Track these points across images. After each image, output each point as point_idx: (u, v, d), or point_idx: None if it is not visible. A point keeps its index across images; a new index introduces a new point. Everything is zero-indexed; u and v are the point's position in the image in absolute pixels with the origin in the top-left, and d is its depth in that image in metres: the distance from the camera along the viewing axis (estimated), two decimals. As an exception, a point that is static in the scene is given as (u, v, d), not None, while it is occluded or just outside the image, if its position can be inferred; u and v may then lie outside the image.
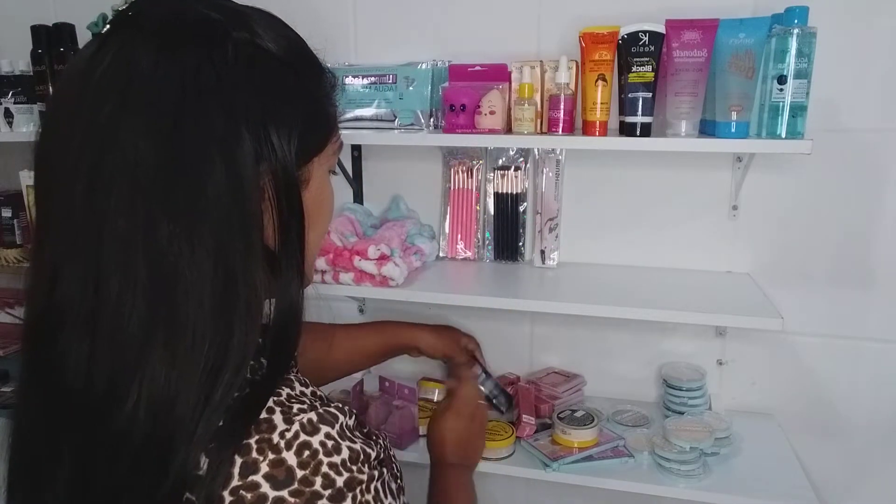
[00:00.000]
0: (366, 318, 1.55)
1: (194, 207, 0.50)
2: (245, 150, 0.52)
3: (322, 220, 0.66)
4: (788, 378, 1.35)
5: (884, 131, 1.22)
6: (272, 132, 0.54)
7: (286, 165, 0.56)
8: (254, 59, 0.55)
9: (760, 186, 1.28)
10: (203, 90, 0.51)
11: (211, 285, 0.50)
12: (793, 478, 1.17)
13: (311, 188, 0.61)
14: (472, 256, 1.43)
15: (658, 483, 1.16)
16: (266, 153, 0.54)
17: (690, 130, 1.11)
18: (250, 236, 0.53)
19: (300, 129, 0.57)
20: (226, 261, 0.51)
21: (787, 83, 1.04)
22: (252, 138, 0.53)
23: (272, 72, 0.56)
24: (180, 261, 0.49)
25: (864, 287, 1.28)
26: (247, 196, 0.52)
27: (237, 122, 0.52)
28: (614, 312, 1.15)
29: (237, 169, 0.51)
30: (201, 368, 0.50)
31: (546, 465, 1.20)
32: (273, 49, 0.57)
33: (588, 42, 1.13)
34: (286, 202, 0.56)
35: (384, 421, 1.30)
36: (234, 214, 0.51)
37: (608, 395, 1.43)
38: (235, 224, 0.52)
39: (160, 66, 0.51)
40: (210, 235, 0.50)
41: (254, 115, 0.53)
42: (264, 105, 0.54)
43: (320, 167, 0.62)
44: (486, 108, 1.19)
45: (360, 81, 1.34)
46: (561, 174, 1.36)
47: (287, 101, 0.56)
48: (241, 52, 0.54)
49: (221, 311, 0.51)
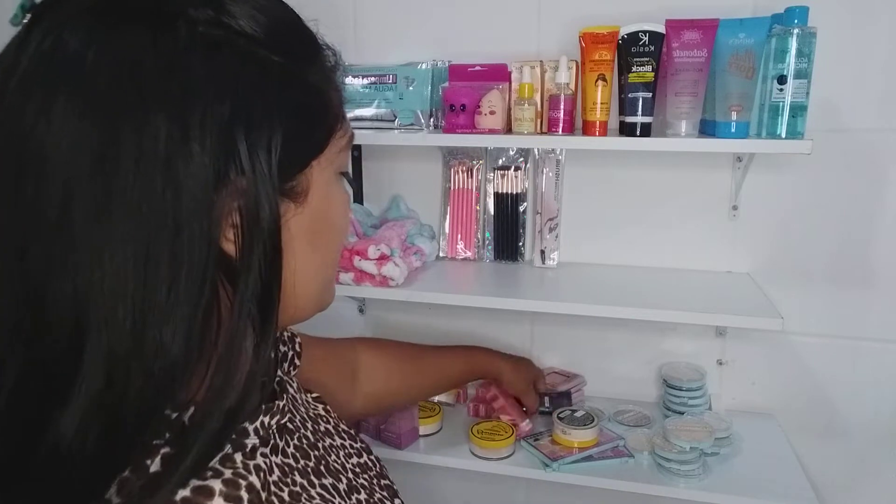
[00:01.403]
0: (366, 319, 1.55)
1: (128, 238, 0.40)
2: (195, 170, 0.40)
3: (334, 236, 0.53)
4: (788, 378, 1.35)
5: (884, 131, 1.22)
6: (241, 141, 0.42)
7: (262, 185, 0.43)
8: (218, 44, 0.42)
9: (760, 186, 1.28)
10: (143, 86, 0.40)
11: (125, 331, 0.40)
12: (793, 478, 1.17)
13: (311, 200, 0.48)
14: (472, 256, 1.43)
15: (658, 483, 1.16)
16: (232, 171, 0.42)
17: (690, 130, 1.11)
18: (201, 295, 0.41)
19: (286, 131, 0.44)
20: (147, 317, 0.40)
21: (787, 83, 1.04)
22: (209, 152, 0.40)
23: (244, 59, 0.43)
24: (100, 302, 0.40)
25: (864, 287, 1.28)
26: (197, 235, 0.41)
27: (186, 130, 0.40)
28: (614, 312, 1.15)
29: (182, 198, 0.40)
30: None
31: (546, 465, 1.20)
32: (247, 29, 0.44)
33: (588, 42, 1.13)
34: (256, 234, 0.43)
35: (384, 421, 1.30)
36: (178, 255, 0.40)
37: (608, 395, 1.43)
38: (182, 270, 0.40)
39: (91, 51, 0.40)
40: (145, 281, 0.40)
41: (213, 120, 0.41)
42: (232, 105, 0.42)
43: (323, 171, 0.49)
44: (486, 108, 1.19)
45: (360, 81, 1.34)
46: (561, 174, 1.36)
47: (264, 97, 0.44)
48: (199, 34, 0.42)
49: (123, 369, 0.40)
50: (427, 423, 1.31)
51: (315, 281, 0.52)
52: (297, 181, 0.47)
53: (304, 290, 0.50)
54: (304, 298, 0.51)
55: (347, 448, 0.63)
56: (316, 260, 0.51)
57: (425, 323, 1.50)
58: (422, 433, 1.30)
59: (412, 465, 1.29)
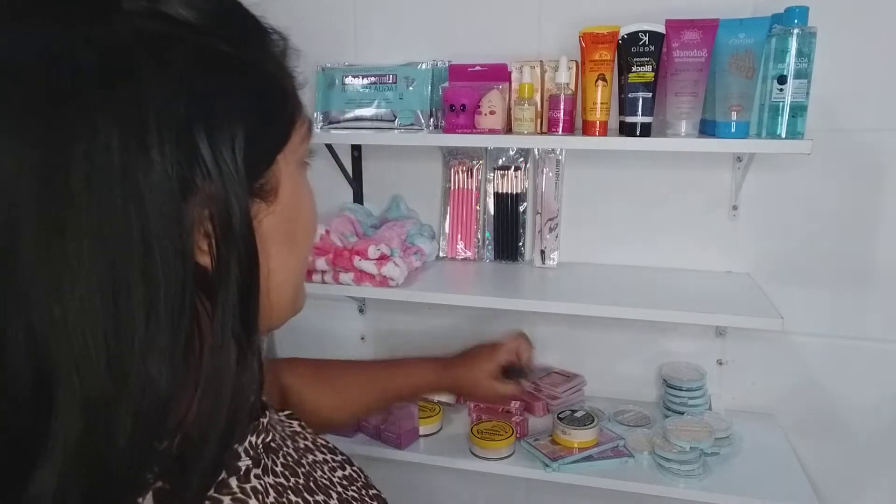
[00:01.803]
0: (366, 319, 1.55)
1: (90, 265, 0.35)
2: (157, 179, 0.36)
3: (307, 234, 0.51)
4: (788, 378, 1.35)
5: (883, 131, 1.22)
6: (203, 142, 0.38)
7: (231, 187, 0.39)
8: (161, 38, 0.38)
9: (760, 186, 1.28)
10: (83, 91, 0.35)
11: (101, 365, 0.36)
12: (793, 478, 1.17)
13: (281, 197, 0.45)
14: (472, 256, 1.43)
15: (658, 483, 1.16)
16: (198, 176, 0.38)
17: (690, 130, 1.11)
18: (183, 317, 0.38)
19: (248, 126, 0.40)
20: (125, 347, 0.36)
21: (787, 83, 1.04)
22: (170, 158, 0.36)
23: (192, 52, 0.39)
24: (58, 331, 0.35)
25: (864, 287, 1.28)
26: (170, 252, 0.37)
27: (140, 136, 0.35)
28: (614, 312, 1.15)
29: (148, 212, 0.36)
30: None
31: (546, 465, 1.20)
32: (189, 18, 0.39)
33: (588, 42, 1.13)
34: (231, 242, 0.40)
35: (384, 421, 1.30)
36: (150, 283, 0.36)
37: (608, 395, 1.43)
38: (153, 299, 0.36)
39: (17, 55, 0.35)
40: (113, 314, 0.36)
41: (169, 122, 0.36)
42: (187, 103, 0.37)
43: (289, 164, 0.46)
44: (486, 108, 1.19)
45: (360, 81, 1.34)
46: (561, 174, 1.36)
47: (220, 92, 0.40)
48: (138, 28, 0.37)
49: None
50: (427, 423, 1.31)
51: (289, 283, 0.49)
52: (266, 178, 0.44)
53: (279, 294, 0.47)
54: (279, 303, 0.48)
55: (330, 462, 0.60)
56: (291, 261, 0.48)
57: (425, 323, 1.50)
58: (422, 433, 1.30)
59: (412, 465, 1.29)
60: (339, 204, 1.46)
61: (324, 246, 1.27)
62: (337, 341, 1.58)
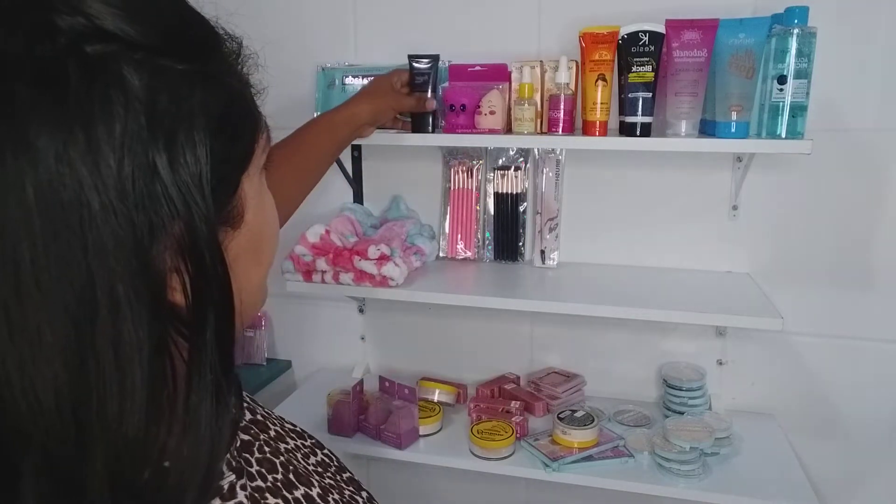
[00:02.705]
0: (366, 319, 1.55)
1: (50, 332, 0.32)
2: (121, 225, 0.32)
3: (272, 243, 0.48)
4: (788, 378, 1.35)
5: (884, 131, 1.22)
6: (168, 180, 0.34)
7: (201, 223, 0.36)
8: (109, 63, 0.33)
9: (760, 186, 1.28)
10: (27, 131, 0.31)
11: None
12: (793, 478, 1.17)
13: (247, 218, 0.42)
14: (472, 256, 1.43)
15: (658, 483, 1.16)
16: (165, 217, 0.34)
17: (690, 130, 1.11)
18: (159, 367, 0.35)
19: (213, 153, 0.36)
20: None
21: (787, 83, 1.04)
22: (133, 202, 0.33)
23: (148, 76, 0.34)
24: None
25: (864, 287, 1.28)
26: (138, 309, 0.33)
27: (98, 181, 0.32)
28: (614, 312, 1.15)
29: (111, 265, 0.32)
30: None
31: (546, 465, 1.20)
32: (137, 36, 0.34)
33: (588, 42, 1.13)
34: (205, 281, 0.37)
35: (384, 421, 1.30)
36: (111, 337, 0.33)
37: (608, 395, 1.43)
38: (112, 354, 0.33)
39: None
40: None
41: (131, 162, 0.33)
42: (149, 138, 0.33)
43: (252, 181, 0.43)
44: (486, 108, 1.19)
45: (360, 81, 1.34)
46: (561, 174, 1.36)
47: (182, 119, 0.35)
48: (84, 54, 0.32)
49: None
50: (427, 423, 1.31)
51: (259, 291, 0.48)
52: (233, 204, 0.40)
53: (247, 304, 0.45)
54: (247, 311, 0.46)
55: (302, 448, 0.58)
56: (257, 273, 0.46)
57: (425, 323, 1.50)
58: (422, 433, 1.30)
59: (412, 465, 1.30)
60: (339, 204, 1.46)
61: (324, 246, 1.27)
62: (337, 341, 1.58)
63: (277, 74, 1.01)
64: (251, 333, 1.56)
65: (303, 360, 1.61)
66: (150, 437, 0.35)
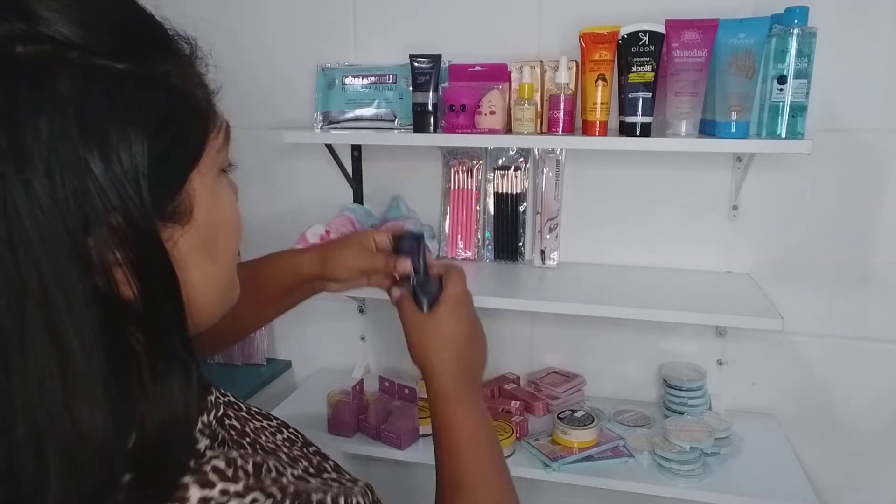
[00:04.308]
0: (366, 319, 1.55)
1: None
2: (51, 222, 0.34)
3: (229, 240, 0.48)
4: (788, 378, 1.35)
5: (883, 131, 1.22)
6: (101, 174, 0.35)
7: (139, 218, 0.37)
8: (45, 64, 0.35)
9: (760, 186, 1.28)
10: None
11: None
12: (793, 478, 1.17)
13: (197, 215, 0.43)
14: (472, 256, 1.43)
15: (658, 483, 1.16)
16: (99, 209, 0.35)
17: (690, 130, 1.11)
18: (110, 356, 0.36)
19: (151, 150, 0.38)
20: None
21: (787, 83, 1.04)
22: (63, 198, 0.34)
23: (82, 77, 0.36)
24: None
25: (864, 287, 1.28)
26: (77, 299, 0.35)
27: (27, 178, 0.33)
28: (614, 312, 1.15)
29: (44, 261, 0.34)
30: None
31: (546, 465, 1.20)
32: (74, 37, 0.36)
33: (588, 42, 1.13)
34: (147, 273, 0.38)
35: (384, 421, 1.30)
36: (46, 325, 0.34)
37: (608, 395, 1.43)
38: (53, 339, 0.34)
39: None
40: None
41: (60, 158, 0.34)
42: (80, 135, 0.35)
43: (205, 179, 0.43)
44: (486, 108, 1.19)
45: (360, 81, 1.34)
46: (561, 174, 1.36)
47: (116, 117, 0.36)
48: (17, 55, 0.34)
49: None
50: (427, 423, 1.31)
51: (215, 289, 0.48)
52: (178, 200, 0.41)
53: (205, 300, 0.46)
54: (206, 307, 0.47)
55: (268, 427, 0.59)
56: (213, 270, 0.46)
57: (425, 323, 1.50)
58: (422, 433, 1.30)
59: (412, 465, 1.29)
60: (339, 204, 1.46)
61: (324, 246, 1.27)
62: (337, 341, 1.58)
63: (278, 74, 1.01)
64: (251, 334, 1.56)
65: (303, 360, 1.61)
66: (116, 425, 0.36)
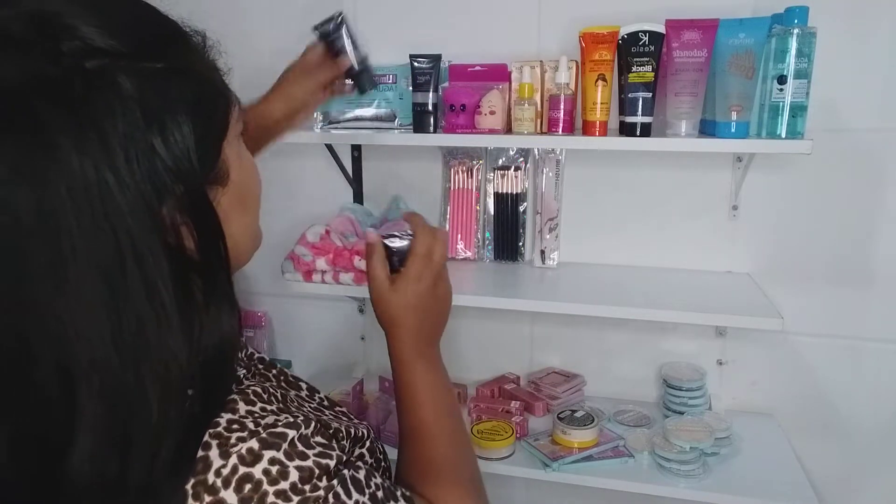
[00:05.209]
0: (366, 319, 1.55)
1: (91, 287, 0.42)
2: (133, 197, 0.42)
3: (256, 192, 0.58)
4: (788, 378, 1.35)
5: (884, 131, 1.22)
6: (165, 155, 0.44)
7: (195, 184, 0.47)
8: (104, 73, 0.42)
9: (760, 186, 1.28)
10: (46, 130, 0.40)
11: (111, 361, 0.42)
12: (793, 478, 1.17)
13: (233, 175, 0.52)
14: (472, 256, 1.43)
15: (658, 483, 1.16)
16: (167, 183, 0.44)
17: (690, 130, 1.11)
18: (185, 299, 0.45)
19: (195, 129, 0.46)
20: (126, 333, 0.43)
21: (787, 83, 1.04)
22: (140, 178, 0.42)
23: (136, 79, 0.43)
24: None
25: (864, 287, 1.28)
26: (158, 256, 0.44)
27: (112, 164, 0.41)
28: (614, 312, 1.15)
29: (132, 227, 0.42)
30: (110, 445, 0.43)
31: (546, 465, 1.20)
32: (116, 45, 0.43)
33: (588, 42, 1.13)
34: (206, 230, 0.48)
35: (384, 421, 1.30)
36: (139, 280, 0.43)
37: (608, 395, 1.43)
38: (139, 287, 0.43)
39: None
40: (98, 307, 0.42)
41: (134, 146, 0.42)
42: (145, 125, 0.43)
43: (231, 146, 0.53)
44: (486, 108, 1.19)
45: (360, 81, 1.34)
46: (561, 174, 1.36)
47: (167, 107, 0.45)
48: (84, 69, 0.42)
49: (121, 391, 0.43)
50: (427, 423, 1.31)
51: (248, 235, 0.57)
52: (218, 166, 0.50)
53: (243, 247, 0.56)
54: (244, 251, 0.57)
55: (284, 371, 0.69)
56: (247, 220, 0.56)
57: (425, 323, 1.50)
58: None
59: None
60: (339, 204, 1.46)
61: (324, 246, 1.27)
62: (337, 341, 1.58)
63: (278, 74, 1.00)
64: (251, 333, 1.56)
65: (303, 360, 1.61)
66: (192, 350, 0.46)
